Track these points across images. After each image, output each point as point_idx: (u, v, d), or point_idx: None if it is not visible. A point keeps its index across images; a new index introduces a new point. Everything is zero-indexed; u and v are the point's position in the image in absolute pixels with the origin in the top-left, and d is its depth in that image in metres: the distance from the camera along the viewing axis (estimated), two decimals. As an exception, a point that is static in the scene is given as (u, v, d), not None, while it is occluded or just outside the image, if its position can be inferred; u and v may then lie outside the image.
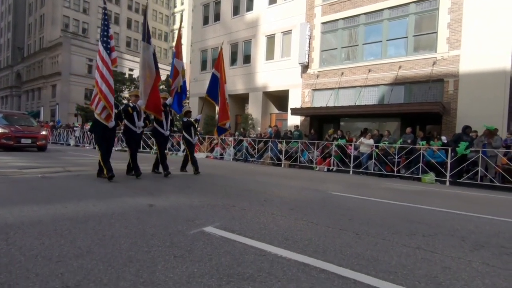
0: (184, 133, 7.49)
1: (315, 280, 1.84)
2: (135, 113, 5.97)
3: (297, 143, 12.12)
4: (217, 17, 20.77)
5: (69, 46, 36.58)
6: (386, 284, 1.82)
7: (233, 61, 19.80)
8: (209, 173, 7.65)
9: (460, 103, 11.82)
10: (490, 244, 2.77)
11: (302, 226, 3.06)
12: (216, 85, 7.79)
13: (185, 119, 7.58)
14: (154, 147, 15.16)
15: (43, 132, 12.37)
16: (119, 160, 8.10)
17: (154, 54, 6.28)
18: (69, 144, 19.22)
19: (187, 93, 7.47)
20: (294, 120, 16.21)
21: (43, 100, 38.84)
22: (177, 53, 7.25)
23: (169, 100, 6.89)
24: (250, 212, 3.51)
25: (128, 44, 47.21)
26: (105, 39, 5.39)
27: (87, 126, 19.98)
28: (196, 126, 7.72)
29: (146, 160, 11.20)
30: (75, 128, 19.70)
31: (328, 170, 11.20)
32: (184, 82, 7.41)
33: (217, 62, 8.03)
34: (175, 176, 6.66)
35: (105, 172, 5.39)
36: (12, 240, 2.26)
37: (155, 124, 6.62)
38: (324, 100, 15.08)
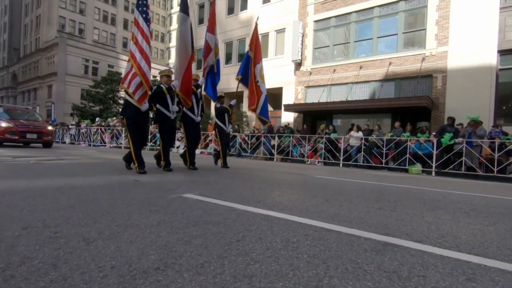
0: (217, 120, 6.74)
1: (274, 224, 2.03)
2: (168, 96, 5.12)
3: (289, 138, 12.33)
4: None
5: (65, 46, 36.69)
6: (338, 227, 2.02)
7: (228, 59, 20.02)
8: (201, 164, 7.81)
9: (448, 98, 12.09)
10: (449, 207, 2.97)
11: (277, 194, 3.25)
12: (248, 67, 6.91)
13: (218, 105, 6.79)
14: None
15: (49, 128, 11.68)
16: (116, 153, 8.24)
17: (191, 28, 5.45)
18: (65, 142, 19.33)
19: (219, 75, 6.46)
20: (287, 117, 16.44)
21: (39, 101, 38.87)
22: (210, 26, 6.23)
23: (201, 81, 5.99)
24: (230, 186, 3.70)
25: (124, 45, 47.30)
26: (144, 8, 4.66)
27: (83, 124, 20.14)
28: (230, 112, 6.93)
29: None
30: (70, 126, 19.79)
31: (322, 163, 11.40)
32: (218, 61, 6.36)
33: (251, 41, 7.11)
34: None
35: (136, 166, 4.69)
36: None
37: (184, 108, 5.69)
38: (316, 97, 15.32)
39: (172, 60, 53.84)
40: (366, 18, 14.38)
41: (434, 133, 9.97)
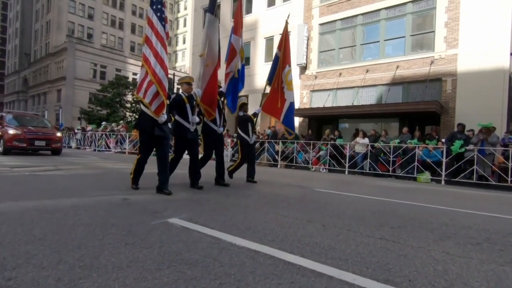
0: (239, 131, 5.98)
1: (258, 265, 1.80)
2: (187, 105, 4.54)
3: (293, 144, 12.07)
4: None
5: (73, 51, 37.20)
6: (331, 269, 1.78)
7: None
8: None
9: (458, 102, 11.67)
10: (459, 235, 2.70)
11: (270, 218, 3.02)
12: (275, 67, 6.24)
13: (241, 113, 6.00)
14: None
15: (58, 134, 11.39)
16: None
17: (218, 30, 4.99)
18: (71, 147, 19.45)
19: (243, 81, 5.87)
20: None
21: (48, 105, 39.47)
22: (236, 28, 5.66)
23: (224, 88, 5.43)
24: (223, 206, 3.49)
25: (132, 49, 47.81)
26: (159, 6, 4.11)
27: (89, 127, 20.26)
28: (255, 121, 6.15)
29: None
30: (76, 131, 19.92)
31: (327, 170, 11.12)
32: (243, 66, 5.73)
33: (281, 39, 6.42)
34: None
35: (131, 178, 4.35)
36: (-32, 228, 2.28)
37: (204, 119, 5.06)
38: (322, 101, 15.02)
39: (180, 63, 54.10)
40: (372, 21, 14.06)
41: (443, 140, 9.60)
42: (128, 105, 32.71)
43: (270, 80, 6.25)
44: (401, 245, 2.31)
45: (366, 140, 10.46)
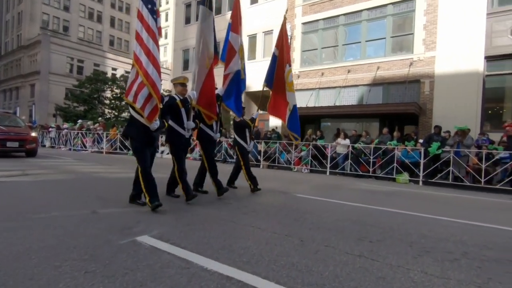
0: (236, 137, 5.53)
1: (229, 297, 1.67)
2: (182, 109, 4.12)
3: (275, 144, 12.01)
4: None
5: (48, 44, 35.48)
6: (306, 299, 1.67)
7: (215, 60, 19.60)
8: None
9: (436, 104, 11.97)
10: (437, 249, 2.67)
11: (247, 232, 2.90)
12: (273, 67, 5.83)
13: (237, 118, 5.59)
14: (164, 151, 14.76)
15: (33, 134, 10.62)
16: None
17: (214, 25, 4.57)
18: (44, 146, 18.54)
19: (245, 82, 5.39)
20: (275, 121, 16.09)
21: (21, 100, 37.53)
22: (234, 25, 5.19)
23: (220, 90, 4.95)
24: (198, 219, 3.33)
25: (111, 43, 46.17)
26: None
27: (65, 125, 19.37)
28: (252, 127, 5.76)
29: (119, 161, 10.86)
30: (50, 129, 19.00)
31: (308, 171, 11.13)
32: (244, 66, 5.29)
33: (279, 37, 5.99)
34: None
35: (147, 200, 3.57)
36: None
37: (200, 124, 4.69)
38: (305, 101, 15.01)
39: (161, 58, 52.82)
40: (354, 21, 14.16)
41: (421, 141, 9.81)
42: (107, 101, 31.62)
43: (268, 82, 5.87)
44: (380, 264, 2.24)
45: (347, 141, 10.54)
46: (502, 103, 11.68)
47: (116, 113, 31.73)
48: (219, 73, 5.21)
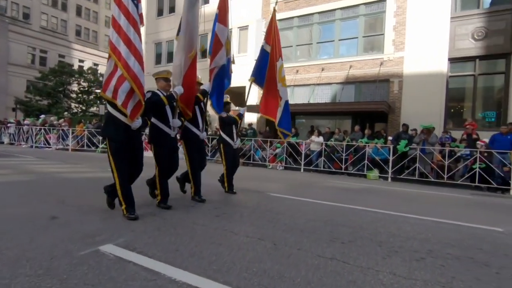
0: (222, 133, 5.25)
1: (197, 312, 1.60)
2: (167, 106, 3.81)
3: (250, 141, 11.97)
4: (172, 9, 19.88)
5: (6, 32, 32.82)
6: (278, 310, 1.64)
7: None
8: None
9: (404, 103, 12.47)
10: (404, 248, 2.76)
11: (219, 237, 2.82)
12: (265, 64, 5.53)
13: (224, 114, 5.24)
14: (101, 146, 14.04)
15: None
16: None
17: (198, 16, 4.24)
18: (2, 142, 17.22)
19: (230, 77, 5.13)
20: (250, 118, 16.04)
21: (-24, 92, 34.53)
22: (221, 16, 4.85)
23: (207, 86, 4.56)
24: (168, 223, 3.20)
25: (78, 33, 43.62)
26: None
27: (27, 121, 18.05)
28: (239, 123, 5.51)
29: (86, 159, 10.26)
30: (9, 125, 17.64)
31: (283, 168, 11.22)
32: (229, 60, 4.99)
33: (268, 31, 5.70)
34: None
35: (123, 207, 3.30)
36: None
37: (185, 122, 4.35)
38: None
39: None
40: (328, 20, 14.36)
41: (390, 138, 10.20)
42: (74, 95, 29.95)
43: (259, 80, 5.56)
44: (351, 267, 2.26)
45: (321, 139, 10.73)
46: (463, 103, 12.42)
47: (84, 108, 30.19)
48: (206, 66, 4.89)
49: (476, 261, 2.54)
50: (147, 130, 4.14)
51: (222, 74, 4.81)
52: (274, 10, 5.86)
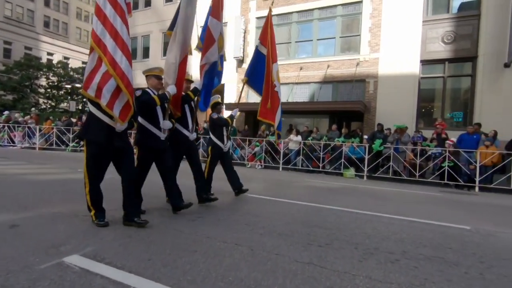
0: (212, 136, 4.92)
1: (169, 329, 1.51)
2: (158, 107, 3.52)
3: (230, 140, 11.84)
4: (148, 3, 19.25)
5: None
6: (254, 322, 1.58)
7: (166, 50, 18.69)
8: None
9: (379, 102, 12.84)
10: (379, 250, 2.80)
11: (194, 243, 2.72)
12: (261, 67, 5.27)
13: (214, 115, 4.94)
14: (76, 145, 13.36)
15: None
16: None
17: (195, 10, 3.91)
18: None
19: (221, 75, 4.93)
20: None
21: None
22: (215, 9, 4.54)
23: (198, 83, 4.29)
24: (141, 229, 3.05)
25: (46, 25, 41.26)
26: None
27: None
28: (230, 126, 5.21)
29: (55, 159, 9.75)
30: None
31: (262, 166, 11.21)
32: (221, 57, 4.78)
33: (263, 31, 5.39)
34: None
35: (92, 213, 3.10)
36: None
37: (176, 123, 4.05)
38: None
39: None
40: (306, 20, 14.48)
41: (365, 137, 10.47)
42: (42, 90, 28.33)
43: (249, 78, 5.35)
44: (328, 272, 2.25)
45: (299, 138, 10.83)
46: (433, 103, 12.98)
47: (54, 104, 28.67)
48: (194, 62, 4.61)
49: (447, 261, 2.62)
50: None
51: (213, 71, 4.56)
52: (270, 10, 5.51)
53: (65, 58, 35.50)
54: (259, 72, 5.31)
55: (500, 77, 10.91)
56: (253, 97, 15.38)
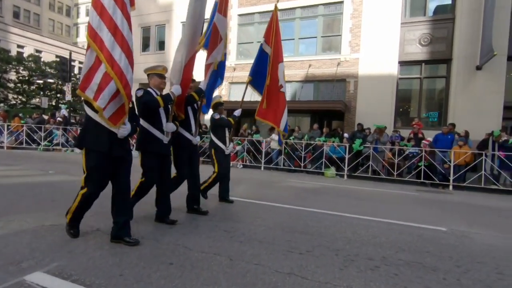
0: (214, 137, 4.70)
1: None
2: (161, 108, 3.26)
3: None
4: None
5: None
6: None
7: (145, 46, 18.14)
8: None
9: (359, 102, 13.05)
10: (360, 256, 2.79)
11: (170, 254, 2.59)
12: (264, 66, 5.03)
13: (216, 115, 4.70)
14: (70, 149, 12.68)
15: None
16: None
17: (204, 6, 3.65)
18: None
19: (223, 75, 4.66)
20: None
21: None
22: (222, 5, 4.28)
23: (202, 84, 4.00)
24: (104, 244, 2.86)
25: (16, 15, 39.03)
26: None
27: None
28: (231, 127, 4.93)
29: (24, 159, 9.17)
30: None
31: (244, 166, 11.12)
32: (225, 56, 4.53)
33: (268, 29, 5.12)
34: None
35: (68, 217, 2.86)
36: None
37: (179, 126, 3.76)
38: (240, 94, 14.85)
39: (82, 38, 46.56)
40: (288, 18, 14.45)
41: (346, 135, 10.63)
42: (11, 85, 26.78)
43: (256, 80, 5.13)
44: (309, 282, 2.20)
45: (281, 137, 10.79)
46: (410, 103, 13.36)
47: (24, 99, 27.20)
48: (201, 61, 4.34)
49: (425, 266, 2.64)
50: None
51: (217, 71, 4.29)
52: (276, 7, 5.17)
53: (37, 51, 33.73)
54: (262, 72, 5.10)
55: (472, 79, 11.36)
56: (234, 96, 15.24)
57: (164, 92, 3.40)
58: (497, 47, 10.13)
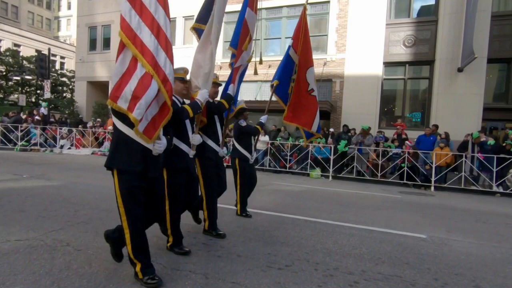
0: (238, 145, 4.34)
1: None
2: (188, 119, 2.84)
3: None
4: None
5: None
6: None
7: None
8: (87, 182, 6.28)
9: (345, 102, 13.13)
10: (339, 270, 2.74)
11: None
12: (289, 73, 4.83)
13: (242, 122, 4.35)
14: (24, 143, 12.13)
15: None
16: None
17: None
18: None
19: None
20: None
21: None
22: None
23: (231, 89, 3.60)
24: (83, 256, 2.73)
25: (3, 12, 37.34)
26: None
27: None
28: (257, 136, 4.64)
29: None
30: None
31: (227, 166, 10.99)
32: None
33: (296, 33, 4.75)
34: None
35: (137, 269, 2.28)
36: None
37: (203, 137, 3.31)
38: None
39: (64, 33, 44.92)
40: (275, 17, 14.37)
41: (331, 130, 10.65)
42: (8, 82, 25.62)
43: (279, 88, 4.93)
44: (285, 303, 2.13)
45: (267, 138, 10.76)
46: (394, 103, 13.54)
47: (1, 96, 26.11)
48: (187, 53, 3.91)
49: (404, 280, 2.62)
50: None
51: (243, 73, 3.91)
52: (305, 8, 4.90)
53: (16, 45, 32.38)
54: (285, 78, 4.89)
55: (454, 81, 11.59)
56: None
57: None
58: (478, 49, 10.35)
